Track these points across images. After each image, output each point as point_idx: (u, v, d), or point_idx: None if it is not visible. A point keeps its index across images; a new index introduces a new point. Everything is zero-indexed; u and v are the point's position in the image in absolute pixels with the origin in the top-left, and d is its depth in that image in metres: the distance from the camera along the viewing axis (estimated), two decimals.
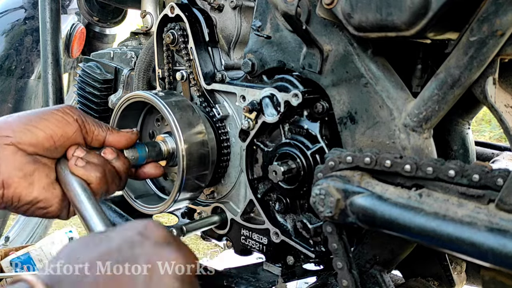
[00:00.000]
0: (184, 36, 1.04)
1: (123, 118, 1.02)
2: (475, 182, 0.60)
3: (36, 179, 0.77)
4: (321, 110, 0.86)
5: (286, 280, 1.00)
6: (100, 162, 0.82)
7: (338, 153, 0.73)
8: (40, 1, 1.47)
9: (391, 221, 0.63)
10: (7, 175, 0.74)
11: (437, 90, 0.70)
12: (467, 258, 0.58)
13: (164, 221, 3.12)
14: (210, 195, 1.09)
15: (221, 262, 2.54)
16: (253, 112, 0.92)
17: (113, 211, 1.32)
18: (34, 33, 2.03)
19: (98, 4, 1.70)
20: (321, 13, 0.77)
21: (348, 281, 0.75)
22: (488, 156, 1.11)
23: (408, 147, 0.74)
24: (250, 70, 0.95)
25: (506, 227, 0.54)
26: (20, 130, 0.75)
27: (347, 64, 0.80)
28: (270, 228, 0.96)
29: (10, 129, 0.75)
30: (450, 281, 0.90)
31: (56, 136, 0.78)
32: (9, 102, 2.00)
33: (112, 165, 0.84)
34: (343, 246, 0.74)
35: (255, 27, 0.94)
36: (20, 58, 2.02)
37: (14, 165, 0.74)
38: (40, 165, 0.78)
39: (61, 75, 1.51)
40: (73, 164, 0.79)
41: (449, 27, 0.70)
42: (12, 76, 2.01)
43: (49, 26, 1.46)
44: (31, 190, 0.76)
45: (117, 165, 0.85)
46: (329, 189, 0.69)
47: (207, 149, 0.97)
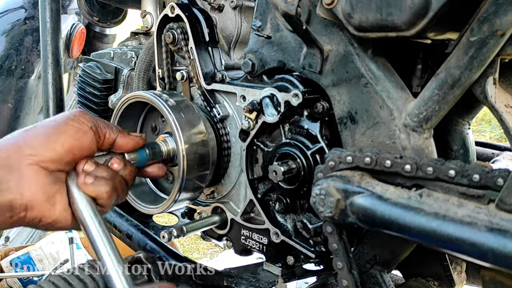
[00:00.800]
0: (184, 36, 1.04)
1: (123, 118, 1.02)
2: (475, 182, 0.60)
3: (58, 200, 0.76)
4: (321, 110, 0.86)
5: (286, 280, 1.00)
6: (109, 176, 0.81)
7: (338, 153, 0.73)
8: (40, 1, 1.47)
9: (391, 221, 0.63)
10: (30, 198, 0.73)
11: (437, 90, 0.70)
12: (467, 258, 0.58)
13: (164, 221, 3.12)
14: (210, 195, 1.09)
15: (221, 262, 2.54)
16: (253, 112, 0.92)
17: (113, 211, 1.32)
18: (34, 33, 2.03)
19: (98, 4, 1.70)
20: (321, 13, 0.77)
21: (348, 281, 0.75)
22: (488, 156, 1.11)
23: (408, 147, 0.74)
24: (250, 70, 0.95)
25: (506, 227, 0.54)
26: (41, 147, 0.74)
27: (347, 64, 0.80)
28: (270, 228, 0.96)
29: (31, 147, 0.74)
30: (450, 281, 0.90)
31: (75, 149, 0.77)
32: (9, 102, 2.00)
33: (120, 175, 0.84)
34: (343, 246, 0.74)
35: (255, 27, 0.94)
36: (20, 58, 2.03)
37: (37, 187, 0.73)
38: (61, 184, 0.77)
39: (61, 75, 1.51)
40: (82, 182, 0.78)
41: (449, 27, 0.70)
42: (12, 76, 2.01)
43: (49, 26, 1.46)
44: (53, 212, 0.76)
45: (125, 174, 0.85)
46: (329, 189, 0.69)
47: (208, 149, 0.97)
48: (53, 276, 0.83)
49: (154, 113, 1.05)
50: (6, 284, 2.17)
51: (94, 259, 0.80)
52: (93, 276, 0.80)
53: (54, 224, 0.77)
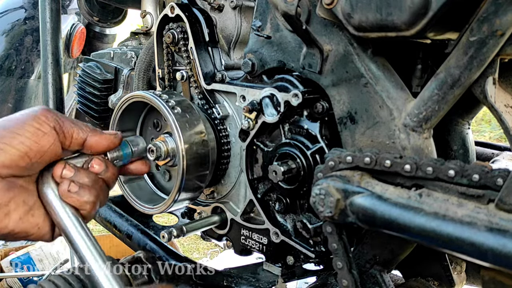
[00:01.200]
0: (184, 36, 1.04)
1: (124, 118, 1.02)
2: (475, 182, 0.60)
3: (12, 208, 0.69)
4: (321, 110, 0.86)
5: (286, 280, 1.00)
6: (92, 182, 0.75)
7: (338, 153, 0.73)
8: (40, 1, 1.47)
9: (391, 221, 0.63)
10: None
11: (437, 90, 0.70)
12: (467, 258, 0.58)
13: (164, 221, 3.12)
14: (210, 195, 1.09)
15: (221, 262, 2.54)
16: (253, 112, 0.92)
17: (113, 211, 1.32)
18: (34, 33, 2.03)
19: (98, 4, 1.70)
20: (321, 13, 0.77)
21: (348, 281, 0.75)
22: (488, 156, 1.11)
23: (408, 147, 0.74)
24: (250, 70, 0.95)
25: (506, 227, 0.54)
26: None
27: (347, 64, 0.80)
28: (270, 228, 0.96)
29: None
30: (450, 281, 0.90)
31: (31, 152, 0.69)
32: (9, 102, 2.00)
33: (101, 178, 0.78)
34: (343, 246, 0.74)
35: (255, 27, 0.94)
36: (20, 58, 2.03)
37: None
38: (16, 191, 0.70)
39: (61, 75, 1.51)
40: (65, 191, 0.72)
41: (449, 27, 0.70)
42: (12, 76, 2.01)
43: (49, 26, 1.46)
44: (6, 222, 0.69)
45: (107, 176, 0.79)
46: (329, 189, 0.69)
47: (207, 149, 0.97)
48: (53, 276, 0.83)
49: (155, 112, 1.05)
50: (6, 284, 2.17)
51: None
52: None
53: (12, 235, 0.70)
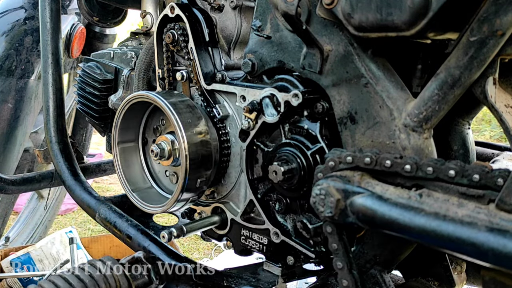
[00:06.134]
0: (184, 36, 1.04)
1: (127, 118, 1.02)
2: (475, 182, 0.60)
3: None
4: (321, 110, 0.86)
5: (286, 280, 1.00)
6: None
7: (338, 153, 0.73)
8: (40, 1, 1.47)
9: (391, 221, 0.63)
10: None
11: (437, 90, 0.70)
12: (467, 258, 0.58)
13: (164, 221, 3.12)
14: (210, 195, 1.09)
15: (221, 262, 2.54)
16: (253, 112, 0.92)
17: (113, 211, 1.32)
18: (34, 33, 2.03)
19: (98, 4, 1.70)
20: (321, 13, 0.77)
21: (348, 281, 0.75)
22: (488, 156, 1.11)
23: (408, 147, 0.74)
24: (250, 70, 0.95)
25: (506, 227, 0.54)
26: None
27: (347, 64, 0.80)
28: (270, 228, 0.96)
29: None
30: (450, 281, 0.90)
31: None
32: (9, 102, 2.00)
33: None
34: (343, 246, 0.74)
35: (255, 27, 0.94)
36: (20, 58, 2.02)
37: None
38: None
39: (61, 75, 1.51)
40: None
41: (449, 27, 0.70)
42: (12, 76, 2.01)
43: (49, 26, 1.46)
44: None
45: None
46: (329, 189, 0.69)
47: (210, 149, 0.97)
48: (53, 276, 0.83)
49: (157, 113, 1.05)
50: (6, 284, 2.17)
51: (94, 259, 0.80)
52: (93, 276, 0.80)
53: None
